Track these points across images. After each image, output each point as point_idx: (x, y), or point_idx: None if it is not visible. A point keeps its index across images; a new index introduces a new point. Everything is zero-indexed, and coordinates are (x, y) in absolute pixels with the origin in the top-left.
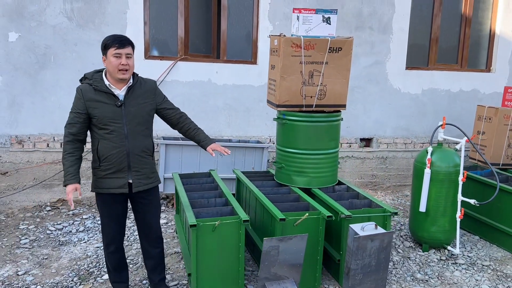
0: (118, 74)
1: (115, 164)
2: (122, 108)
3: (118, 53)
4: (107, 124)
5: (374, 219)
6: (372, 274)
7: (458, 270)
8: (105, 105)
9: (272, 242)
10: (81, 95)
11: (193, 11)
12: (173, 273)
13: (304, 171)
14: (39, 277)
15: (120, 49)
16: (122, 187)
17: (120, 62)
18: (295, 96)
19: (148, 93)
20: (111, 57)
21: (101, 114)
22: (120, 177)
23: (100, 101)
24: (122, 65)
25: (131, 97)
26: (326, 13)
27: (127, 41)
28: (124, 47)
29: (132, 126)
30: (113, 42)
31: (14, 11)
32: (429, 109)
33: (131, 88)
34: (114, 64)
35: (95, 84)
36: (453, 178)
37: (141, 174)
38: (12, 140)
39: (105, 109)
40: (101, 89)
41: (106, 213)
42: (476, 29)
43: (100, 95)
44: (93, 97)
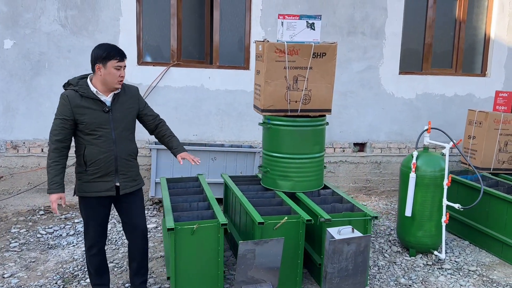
0: (117, 84)
1: (102, 168)
2: (110, 113)
3: (119, 66)
4: (95, 129)
5: (354, 223)
6: (349, 278)
7: (443, 275)
8: (93, 111)
9: (248, 245)
10: (67, 101)
11: (186, 17)
12: (156, 277)
13: (288, 175)
14: (24, 280)
15: (121, 62)
16: (109, 190)
17: (120, 74)
18: (279, 101)
19: (133, 99)
20: (112, 69)
21: (89, 120)
22: (107, 181)
23: (88, 107)
24: (121, 77)
25: (118, 103)
26: (310, 19)
27: (124, 55)
28: (124, 60)
29: (119, 131)
30: (116, 55)
31: (9, 19)
32: (423, 114)
33: (117, 94)
34: (115, 76)
35: (81, 90)
36: (438, 183)
37: (127, 177)
38: (7, 145)
39: (93, 115)
40: (88, 96)
41: (91, 216)
42: (471, 33)
43: (86, 102)
44: (79, 103)
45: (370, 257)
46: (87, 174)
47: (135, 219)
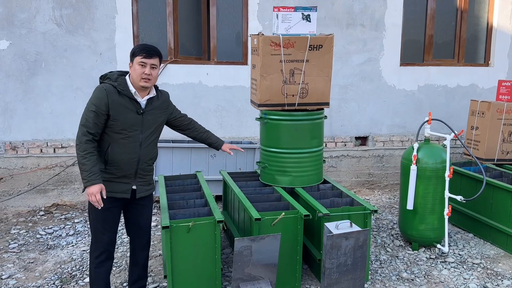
0: (140, 82)
1: (123, 169)
2: (142, 116)
3: (143, 62)
4: (125, 129)
5: (353, 217)
6: (348, 273)
7: (447, 269)
8: (128, 111)
9: (243, 242)
10: (105, 95)
11: (183, 14)
12: (154, 275)
13: (287, 171)
14: (22, 281)
15: (146, 58)
16: (125, 192)
17: (144, 71)
18: (276, 95)
19: (164, 104)
20: (136, 65)
21: (122, 119)
22: (125, 182)
23: (124, 105)
24: (145, 74)
25: (151, 106)
26: (305, 11)
27: (155, 52)
28: (151, 57)
29: (147, 134)
30: (141, 51)
31: (4, 19)
32: (426, 106)
33: (152, 98)
34: (138, 72)
35: (120, 87)
36: (440, 175)
37: (144, 181)
38: (6, 146)
39: (127, 115)
40: (126, 94)
41: (103, 218)
42: (473, 22)
43: (124, 100)
44: (117, 99)
45: (372, 251)
46: (105, 173)
47: (144, 222)
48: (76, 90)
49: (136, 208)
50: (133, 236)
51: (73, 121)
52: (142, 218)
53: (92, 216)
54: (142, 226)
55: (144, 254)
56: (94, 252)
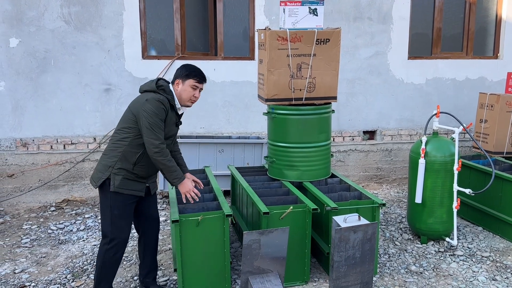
0: (187, 102)
1: (148, 172)
2: (178, 128)
3: (196, 86)
4: (168, 139)
5: (361, 211)
6: (357, 266)
7: (455, 262)
8: (172, 123)
9: (252, 235)
10: (166, 107)
11: (189, 10)
12: (164, 269)
13: (295, 165)
14: (35, 275)
15: (200, 84)
16: (141, 191)
17: (194, 94)
18: (283, 90)
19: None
20: (189, 87)
21: (168, 130)
22: (142, 182)
23: (171, 118)
24: (195, 97)
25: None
26: (312, 5)
27: (205, 79)
28: (203, 83)
29: (174, 142)
30: (197, 75)
31: (14, 17)
32: (434, 99)
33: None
34: (189, 94)
35: (173, 101)
36: (449, 168)
37: (155, 178)
38: (17, 143)
39: (171, 126)
40: (174, 108)
41: (125, 214)
42: (481, 15)
43: (172, 113)
44: (169, 112)
45: (381, 245)
46: (130, 173)
47: (155, 213)
48: (85, 87)
49: (146, 200)
50: (146, 228)
51: (83, 117)
52: (152, 209)
53: (111, 209)
54: (155, 216)
55: (155, 246)
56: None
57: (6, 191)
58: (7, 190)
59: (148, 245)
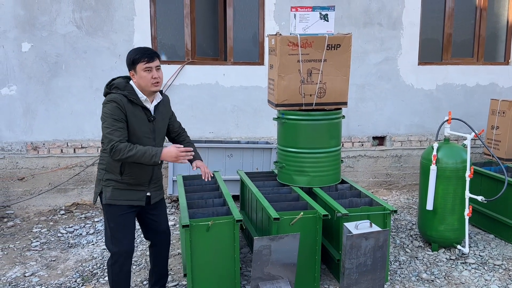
0: (151, 87)
1: (139, 178)
2: (153, 123)
3: (148, 67)
4: (140, 138)
5: (373, 217)
6: (368, 274)
7: (467, 270)
8: (140, 120)
9: (263, 241)
10: (120, 105)
11: (200, 15)
12: (174, 274)
13: (305, 170)
14: (45, 278)
15: (150, 62)
16: (140, 199)
17: (152, 76)
18: (294, 95)
19: (167, 108)
20: (142, 72)
21: (136, 128)
22: (140, 190)
23: (136, 115)
24: (154, 78)
25: (159, 112)
26: (323, 10)
27: (154, 54)
28: (153, 60)
29: (158, 140)
30: (142, 56)
31: (26, 22)
32: (445, 105)
33: (159, 103)
34: (147, 79)
35: (131, 96)
36: (460, 175)
37: (157, 185)
38: (28, 146)
39: (140, 123)
40: (138, 103)
41: (121, 225)
42: (492, 20)
43: (136, 109)
44: (130, 109)
45: (391, 252)
46: (121, 182)
47: (164, 226)
48: (96, 91)
49: (152, 214)
50: (156, 242)
51: (93, 121)
52: (162, 223)
53: (109, 222)
54: (164, 230)
55: (165, 256)
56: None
57: (16, 194)
58: (17, 193)
59: (158, 256)
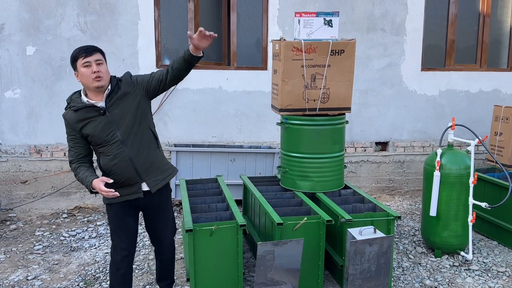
0: (93, 82)
1: (121, 174)
2: (107, 114)
3: (87, 62)
4: (100, 137)
5: (376, 223)
6: (372, 280)
7: (471, 277)
8: (91, 120)
9: (267, 246)
10: (67, 122)
11: (203, 20)
12: (176, 278)
13: (308, 176)
14: (47, 282)
15: (88, 57)
16: (136, 192)
17: (92, 70)
18: (297, 100)
19: (128, 88)
20: (82, 68)
21: (91, 130)
22: (131, 184)
23: (85, 118)
24: (94, 73)
25: (113, 100)
26: (327, 16)
27: (93, 48)
28: (92, 54)
29: (124, 128)
30: (79, 52)
31: (31, 26)
32: (448, 111)
33: (111, 93)
34: (87, 74)
35: (73, 104)
36: (464, 181)
37: (152, 171)
38: (31, 149)
39: (92, 124)
40: (80, 107)
41: (121, 227)
42: (496, 27)
43: (82, 114)
44: (76, 118)
45: (394, 258)
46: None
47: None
48: None
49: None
50: (159, 252)
51: None
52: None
53: (110, 226)
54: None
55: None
56: (115, 259)
57: (19, 197)
58: (20, 197)
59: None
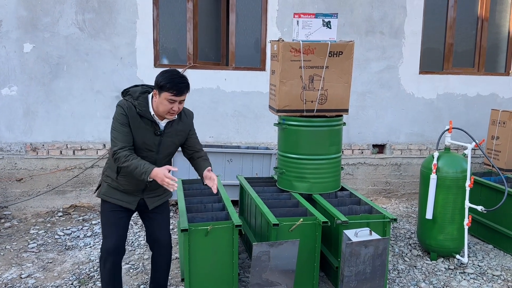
0: (167, 115)
1: (133, 185)
2: (160, 137)
3: (173, 100)
4: (141, 148)
5: (372, 225)
6: (367, 282)
7: (466, 280)
8: (145, 131)
9: (262, 247)
10: (125, 111)
11: (202, 20)
12: (171, 278)
13: (305, 177)
14: (41, 280)
15: (177, 96)
16: (131, 203)
17: (172, 108)
18: (295, 101)
19: (186, 126)
20: (165, 100)
21: (139, 138)
22: (133, 195)
23: (141, 126)
24: (173, 111)
25: (171, 128)
26: (326, 17)
27: (185, 89)
28: (181, 95)
29: (163, 155)
30: (171, 88)
31: (28, 23)
32: (445, 114)
33: (172, 121)
34: (166, 108)
35: (139, 108)
36: (460, 184)
37: (155, 194)
38: (27, 147)
39: (144, 135)
40: (144, 115)
41: (113, 220)
42: (494, 31)
43: (142, 120)
44: (135, 118)
45: (390, 261)
46: (116, 182)
47: (165, 236)
48: (97, 94)
49: (149, 218)
50: (156, 254)
51: (93, 123)
52: (162, 232)
53: (101, 217)
54: (164, 240)
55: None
56: (102, 253)
57: (14, 195)
58: (15, 194)
59: (155, 265)
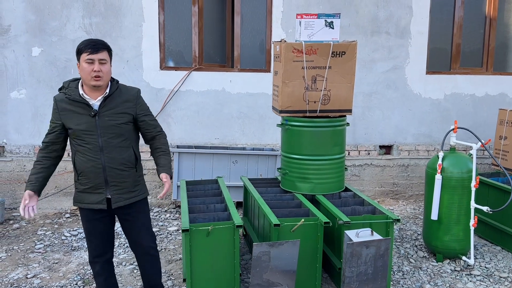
0: (91, 80)
1: (91, 178)
2: (96, 118)
3: (90, 59)
4: (81, 136)
5: (375, 226)
6: (369, 283)
7: (472, 282)
8: (79, 116)
9: (262, 247)
10: (56, 105)
11: (208, 23)
12: (174, 279)
13: (308, 177)
14: (46, 280)
15: (93, 54)
16: (100, 203)
17: (93, 69)
18: (298, 102)
19: (128, 103)
20: (84, 63)
21: (75, 126)
22: (97, 192)
23: (74, 111)
24: (95, 72)
25: (107, 106)
26: (328, 18)
27: (102, 45)
28: (98, 52)
29: (107, 137)
30: (86, 46)
31: (37, 27)
32: (453, 115)
33: (108, 97)
34: (87, 71)
35: (69, 93)
36: (466, 185)
37: (120, 188)
38: (35, 149)
39: (79, 120)
40: (74, 99)
41: (88, 229)
42: (502, 30)
43: (74, 105)
44: (67, 107)
45: (395, 262)
46: (79, 184)
47: (135, 237)
48: None
49: (126, 223)
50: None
51: None
52: (135, 233)
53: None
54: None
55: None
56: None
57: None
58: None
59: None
